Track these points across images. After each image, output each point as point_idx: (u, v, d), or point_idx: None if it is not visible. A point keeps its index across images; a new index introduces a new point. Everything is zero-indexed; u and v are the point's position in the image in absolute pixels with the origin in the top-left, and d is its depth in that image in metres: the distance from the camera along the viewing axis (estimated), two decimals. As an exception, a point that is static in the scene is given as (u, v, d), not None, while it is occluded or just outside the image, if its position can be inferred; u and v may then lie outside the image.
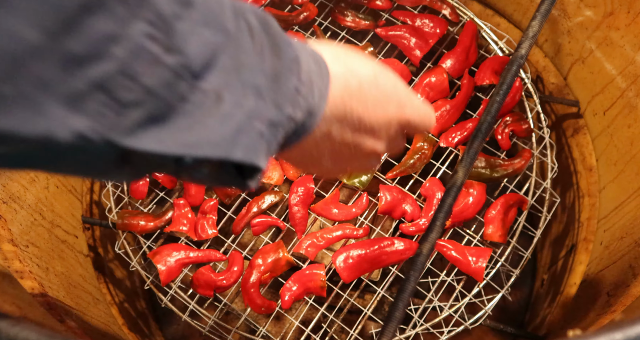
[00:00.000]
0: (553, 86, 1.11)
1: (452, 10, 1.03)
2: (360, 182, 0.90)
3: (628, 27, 0.89)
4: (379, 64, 0.42)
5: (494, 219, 0.88)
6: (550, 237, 1.19)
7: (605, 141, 1.00)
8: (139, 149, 0.25)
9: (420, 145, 0.93)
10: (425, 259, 0.68)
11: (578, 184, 1.08)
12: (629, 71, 0.91)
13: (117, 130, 0.24)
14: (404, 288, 0.65)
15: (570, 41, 1.03)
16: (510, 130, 0.95)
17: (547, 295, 1.11)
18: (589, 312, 0.84)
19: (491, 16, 1.16)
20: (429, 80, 0.96)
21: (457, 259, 0.86)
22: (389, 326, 0.62)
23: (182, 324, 1.18)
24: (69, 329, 0.73)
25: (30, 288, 0.73)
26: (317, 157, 0.41)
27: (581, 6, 0.97)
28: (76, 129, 0.22)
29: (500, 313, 1.19)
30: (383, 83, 0.41)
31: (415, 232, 0.88)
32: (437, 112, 0.95)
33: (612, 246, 0.90)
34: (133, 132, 0.24)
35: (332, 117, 0.38)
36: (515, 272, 0.87)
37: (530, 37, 0.84)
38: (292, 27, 1.03)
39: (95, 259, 1.03)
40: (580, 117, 1.07)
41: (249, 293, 0.85)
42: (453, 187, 0.71)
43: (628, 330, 0.33)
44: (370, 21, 1.02)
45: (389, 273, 0.88)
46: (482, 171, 0.91)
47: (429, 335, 0.87)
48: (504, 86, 0.81)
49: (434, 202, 0.89)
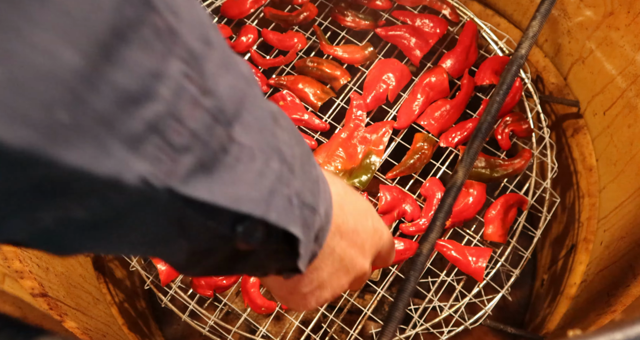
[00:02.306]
0: (553, 86, 1.11)
1: (452, 10, 1.03)
2: (360, 182, 0.90)
3: (628, 27, 0.89)
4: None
5: (494, 219, 0.89)
6: (550, 237, 1.19)
7: (605, 141, 1.00)
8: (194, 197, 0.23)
9: (420, 145, 0.93)
10: (425, 259, 0.68)
11: (578, 184, 1.08)
12: (629, 71, 0.91)
13: (174, 178, 0.22)
14: (404, 288, 0.65)
15: (570, 41, 1.04)
16: (510, 130, 0.95)
17: (547, 295, 1.11)
18: (589, 312, 0.84)
19: (491, 16, 1.16)
20: (429, 80, 0.96)
21: (457, 259, 0.86)
22: (389, 326, 0.62)
23: (182, 324, 1.18)
24: (69, 329, 0.73)
25: (31, 288, 0.73)
26: (319, 282, 0.39)
27: (581, 6, 0.97)
28: (140, 173, 0.21)
29: (500, 313, 1.19)
30: (356, 193, 0.41)
31: (415, 232, 0.88)
32: (437, 112, 0.95)
33: (612, 246, 0.90)
34: (187, 180, 0.23)
35: (335, 225, 0.36)
36: (515, 272, 0.87)
37: (530, 37, 0.84)
38: (292, 27, 1.03)
39: (95, 259, 1.03)
40: (580, 117, 1.07)
41: (249, 293, 0.85)
42: (453, 187, 0.71)
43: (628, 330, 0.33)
44: (370, 21, 1.02)
45: (389, 273, 0.88)
46: (482, 171, 0.91)
47: (429, 335, 0.87)
48: (504, 86, 0.81)
49: (434, 202, 0.89)
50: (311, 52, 1.03)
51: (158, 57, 0.21)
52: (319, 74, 0.98)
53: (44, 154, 0.18)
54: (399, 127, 0.94)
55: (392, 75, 0.97)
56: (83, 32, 0.19)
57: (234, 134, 0.25)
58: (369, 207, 0.42)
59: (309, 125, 0.95)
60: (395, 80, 0.96)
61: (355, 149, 0.93)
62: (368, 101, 0.96)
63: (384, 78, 0.96)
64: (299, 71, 1.00)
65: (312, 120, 0.94)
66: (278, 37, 1.01)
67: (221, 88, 0.24)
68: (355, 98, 0.96)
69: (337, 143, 0.93)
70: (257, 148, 0.26)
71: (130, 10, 0.20)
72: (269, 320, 0.92)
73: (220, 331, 0.87)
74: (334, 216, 0.36)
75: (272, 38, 1.01)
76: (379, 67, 0.98)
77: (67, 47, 0.18)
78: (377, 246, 0.42)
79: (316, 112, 0.96)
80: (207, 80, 0.23)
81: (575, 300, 0.97)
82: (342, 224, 0.37)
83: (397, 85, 0.97)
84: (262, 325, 0.88)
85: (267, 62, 1.00)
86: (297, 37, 1.01)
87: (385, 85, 0.96)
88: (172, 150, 0.22)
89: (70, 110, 0.18)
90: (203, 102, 0.23)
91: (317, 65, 0.98)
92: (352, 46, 1.01)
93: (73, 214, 0.21)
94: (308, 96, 0.96)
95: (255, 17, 1.05)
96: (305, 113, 0.95)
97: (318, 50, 1.02)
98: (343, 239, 0.38)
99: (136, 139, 0.20)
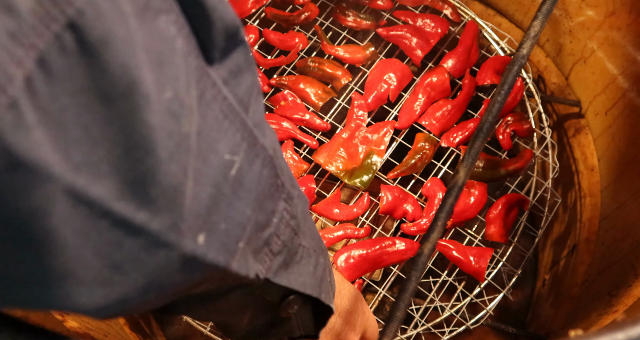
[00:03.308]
0: (554, 86, 1.11)
1: (453, 10, 1.03)
2: (361, 182, 0.90)
3: (630, 27, 0.89)
4: None
5: (496, 219, 0.88)
6: (551, 237, 1.19)
7: (606, 141, 1.00)
8: (279, 283, 0.35)
9: (422, 145, 0.93)
10: (427, 259, 0.68)
11: (580, 184, 1.08)
12: (631, 71, 0.91)
13: (271, 272, 0.34)
14: (405, 288, 0.65)
15: (572, 41, 1.03)
16: (511, 130, 0.95)
17: (548, 296, 1.11)
18: (591, 312, 0.84)
19: (492, 16, 1.16)
20: (430, 80, 0.96)
21: (459, 259, 0.86)
22: (390, 326, 0.62)
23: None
24: (70, 329, 0.73)
25: (32, 288, 0.73)
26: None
27: (583, 6, 0.97)
28: (256, 271, 0.32)
29: (501, 313, 1.19)
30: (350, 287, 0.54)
31: (416, 232, 0.88)
32: (439, 112, 0.95)
33: (614, 246, 0.90)
34: (277, 273, 0.35)
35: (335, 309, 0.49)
36: (517, 272, 0.87)
37: (532, 37, 0.84)
38: (293, 27, 1.03)
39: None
40: (581, 117, 1.07)
41: (250, 293, 0.85)
42: (454, 187, 0.71)
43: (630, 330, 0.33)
44: (371, 21, 1.02)
45: (390, 273, 0.88)
46: (483, 171, 0.91)
47: (430, 335, 0.87)
48: (505, 86, 0.80)
49: (435, 202, 0.89)
50: (312, 52, 1.03)
51: (275, 201, 0.33)
52: (320, 74, 0.98)
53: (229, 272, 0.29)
54: (400, 127, 0.94)
55: (394, 75, 0.97)
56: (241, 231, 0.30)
57: (301, 241, 0.37)
58: (357, 293, 0.54)
59: (310, 125, 0.95)
60: (396, 80, 0.96)
61: (357, 149, 0.93)
62: (369, 101, 0.96)
63: (385, 78, 0.96)
64: (300, 71, 1.00)
65: (313, 120, 0.94)
66: (279, 37, 1.01)
67: (299, 212, 0.36)
68: (357, 98, 0.96)
69: (338, 143, 0.93)
70: (312, 248, 0.39)
71: (273, 189, 0.33)
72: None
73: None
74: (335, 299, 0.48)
75: (274, 38, 1.01)
76: (380, 67, 0.98)
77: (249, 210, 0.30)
78: (365, 325, 0.55)
79: (317, 112, 0.96)
80: (294, 209, 0.35)
81: (576, 300, 0.97)
82: (340, 306, 0.51)
83: (398, 85, 0.97)
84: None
85: (268, 62, 1.00)
86: (298, 37, 1.01)
87: (386, 85, 0.96)
88: (272, 255, 0.34)
89: (246, 242, 0.30)
90: (291, 223, 0.35)
91: (319, 65, 0.98)
92: (353, 46, 1.01)
93: (193, 291, 0.30)
94: (309, 96, 0.96)
95: (257, 17, 1.05)
96: (306, 113, 0.95)
97: (319, 50, 1.02)
98: (340, 317, 0.51)
99: (258, 250, 0.32)
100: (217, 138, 0.25)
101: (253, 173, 0.29)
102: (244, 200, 0.28)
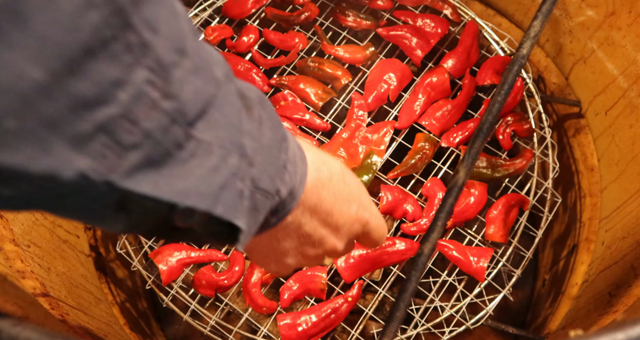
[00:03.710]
0: (554, 86, 1.11)
1: (453, 10, 1.03)
2: (361, 182, 0.90)
3: (630, 27, 0.89)
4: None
5: (496, 219, 0.88)
6: (551, 237, 1.19)
7: (606, 141, 1.00)
8: (135, 191, 0.26)
9: (422, 145, 0.93)
10: (427, 259, 0.68)
11: (580, 184, 1.08)
12: (631, 71, 0.91)
13: (116, 172, 0.25)
14: (405, 288, 0.65)
15: (572, 41, 1.03)
16: (511, 130, 0.95)
17: (548, 296, 1.11)
18: (591, 312, 0.84)
19: (492, 16, 1.16)
20: (430, 80, 0.96)
21: (459, 259, 0.86)
22: (390, 326, 0.62)
23: (183, 324, 1.18)
24: (70, 329, 0.73)
25: (32, 288, 0.74)
26: (281, 249, 0.42)
27: (583, 6, 0.97)
28: (79, 169, 0.23)
29: (501, 313, 1.19)
30: (349, 181, 0.43)
31: (416, 232, 0.88)
32: (439, 112, 0.95)
33: (614, 246, 0.90)
34: (131, 174, 0.25)
35: (306, 205, 0.39)
36: (517, 272, 0.87)
37: (532, 37, 0.84)
38: (293, 27, 1.03)
39: (97, 258, 1.03)
40: (581, 117, 1.07)
41: (250, 293, 0.85)
42: (454, 187, 0.71)
43: (630, 330, 0.33)
44: (371, 21, 1.02)
45: (390, 273, 0.88)
46: (483, 171, 0.91)
47: (430, 335, 0.87)
48: (505, 86, 0.81)
49: (435, 202, 0.89)
50: (312, 52, 1.03)
51: (124, 68, 0.24)
52: (320, 74, 0.98)
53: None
54: (400, 127, 0.94)
55: (394, 75, 0.97)
56: (53, 51, 0.21)
57: (193, 132, 0.27)
58: (358, 195, 0.44)
59: (310, 125, 0.95)
60: (396, 80, 0.96)
61: (357, 149, 0.93)
62: (369, 101, 0.96)
63: (385, 78, 0.96)
64: (300, 71, 1.00)
65: (313, 120, 0.94)
66: (279, 37, 1.01)
67: (186, 91, 0.27)
68: (357, 98, 0.96)
69: (338, 143, 0.93)
70: (217, 144, 0.29)
71: (108, 31, 0.22)
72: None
73: (221, 331, 0.87)
74: (307, 197, 0.39)
75: (274, 38, 1.01)
76: (380, 67, 0.98)
77: (33, 65, 0.21)
78: (356, 232, 0.45)
79: (317, 112, 0.96)
80: (171, 86, 0.26)
81: (576, 300, 0.97)
82: (317, 205, 0.40)
83: (398, 85, 0.97)
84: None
85: (268, 62, 1.00)
86: (298, 37, 1.01)
87: (386, 85, 0.96)
88: (119, 147, 0.24)
89: (19, 117, 0.21)
90: (163, 105, 0.25)
91: (319, 65, 0.98)
92: (353, 46, 1.01)
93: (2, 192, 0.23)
94: (309, 96, 0.96)
95: (257, 17, 1.05)
96: (306, 113, 0.95)
97: (319, 50, 1.02)
98: (314, 218, 0.41)
99: (83, 138, 0.23)
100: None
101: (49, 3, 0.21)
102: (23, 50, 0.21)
